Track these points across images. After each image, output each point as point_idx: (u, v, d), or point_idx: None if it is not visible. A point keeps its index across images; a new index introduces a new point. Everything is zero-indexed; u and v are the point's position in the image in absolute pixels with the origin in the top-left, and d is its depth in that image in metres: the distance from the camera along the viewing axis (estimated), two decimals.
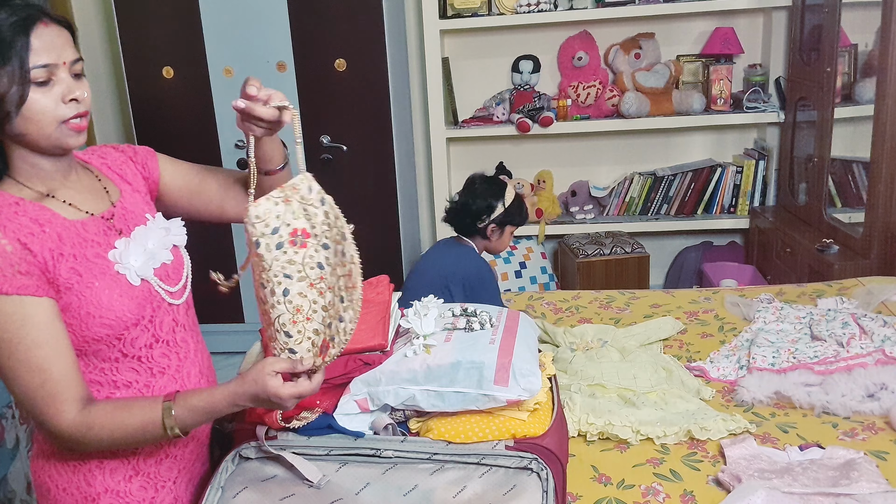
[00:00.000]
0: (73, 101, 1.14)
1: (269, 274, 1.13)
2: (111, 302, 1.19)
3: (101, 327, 1.19)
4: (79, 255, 1.18)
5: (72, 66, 1.15)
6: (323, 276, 1.15)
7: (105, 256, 1.21)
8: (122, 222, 1.27)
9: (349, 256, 1.16)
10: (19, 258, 1.11)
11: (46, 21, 1.13)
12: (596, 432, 1.76)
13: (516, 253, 3.60)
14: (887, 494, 1.43)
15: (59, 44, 1.13)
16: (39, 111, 1.12)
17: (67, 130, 1.15)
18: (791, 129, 3.41)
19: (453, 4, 3.48)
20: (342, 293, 1.17)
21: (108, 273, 1.20)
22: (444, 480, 1.29)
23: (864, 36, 3.11)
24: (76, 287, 1.17)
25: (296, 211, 1.15)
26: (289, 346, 1.16)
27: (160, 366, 1.28)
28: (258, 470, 1.34)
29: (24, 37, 1.10)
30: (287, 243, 1.14)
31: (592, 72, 3.65)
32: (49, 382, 1.13)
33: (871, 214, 2.80)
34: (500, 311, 1.61)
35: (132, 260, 1.22)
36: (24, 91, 1.10)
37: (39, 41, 1.11)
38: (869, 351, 1.98)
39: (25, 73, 1.10)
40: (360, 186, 3.47)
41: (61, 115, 1.14)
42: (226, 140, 3.50)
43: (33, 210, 1.16)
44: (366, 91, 3.38)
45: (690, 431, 1.75)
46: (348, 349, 1.39)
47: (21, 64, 1.09)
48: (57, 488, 1.27)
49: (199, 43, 3.37)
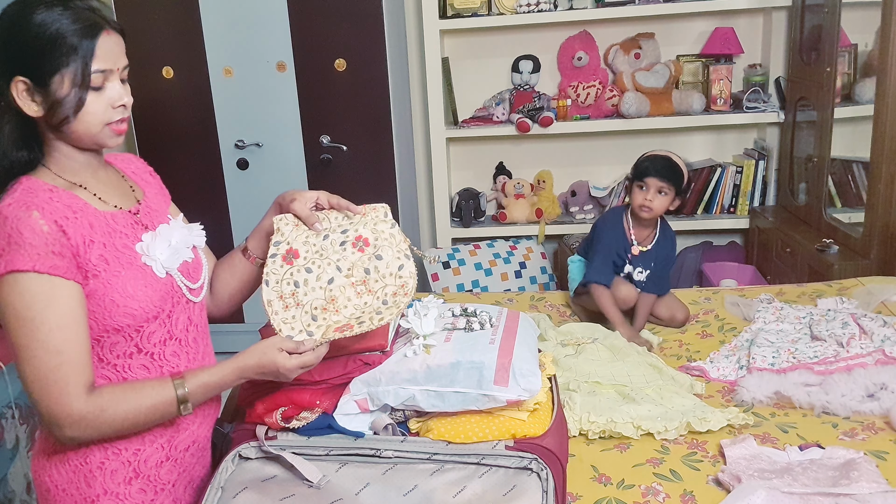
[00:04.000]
0: (122, 106, 1.21)
1: (322, 260, 1.31)
2: (136, 291, 1.22)
3: (123, 316, 1.21)
4: (108, 243, 1.22)
5: (122, 72, 1.22)
6: (366, 280, 1.35)
7: (132, 248, 1.25)
8: (147, 218, 1.32)
9: (407, 272, 1.38)
10: (54, 239, 1.14)
11: (109, 30, 1.19)
12: (598, 430, 1.76)
13: (516, 253, 3.60)
14: (887, 494, 1.43)
15: (117, 51, 1.20)
16: (91, 113, 1.18)
17: (110, 132, 1.22)
18: (791, 129, 3.41)
19: (453, 4, 3.48)
20: (387, 298, 1.36)
21: (134, 264, 1.24)
22: (443, 481, 1.29)
23: (864, 36, 3.11)
24: (103, 274, 1.19)
25: (367, 224, 1.38)
26: (310, 328, 1.29)
27: (171, 364, 1.30)
28: (258, 470, 1.34)
29: (90, 43, 1.16)
30: (350, 244, 1.36)
31: (592, 72, 3.65)
32: (65, 366, 1.14)
33: (870, 214, 2.80)
34: (500, 311, 1.61)
35: (158, 253, 1.27)
36: (83, 94, 1.16)
37: (104, 47, 1.17)
38: (869, 351, 1.98)
39: (86, 78, 1.16)
40: (360, 186, 3.47)
41: (108, 119, 1.20)
42: (225, 140, 3.50)
43: (66, 197, 1.20)
44: (366, 91, 3.38)
45: (690, 424, 1.76)
46: (348, 349, 1.39)
47: (84, 69, 1.15)
48: (57, 489, 1.27)
49: (199, 43, 3.37)
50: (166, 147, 3.53)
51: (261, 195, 3.49)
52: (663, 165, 2.47)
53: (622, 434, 1.75)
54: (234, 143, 3.50)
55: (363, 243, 1.36)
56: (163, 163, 1.52)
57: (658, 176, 2.44)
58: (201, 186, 3.54)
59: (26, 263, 1.11)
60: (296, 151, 3.45)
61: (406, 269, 1.37)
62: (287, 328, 1.29)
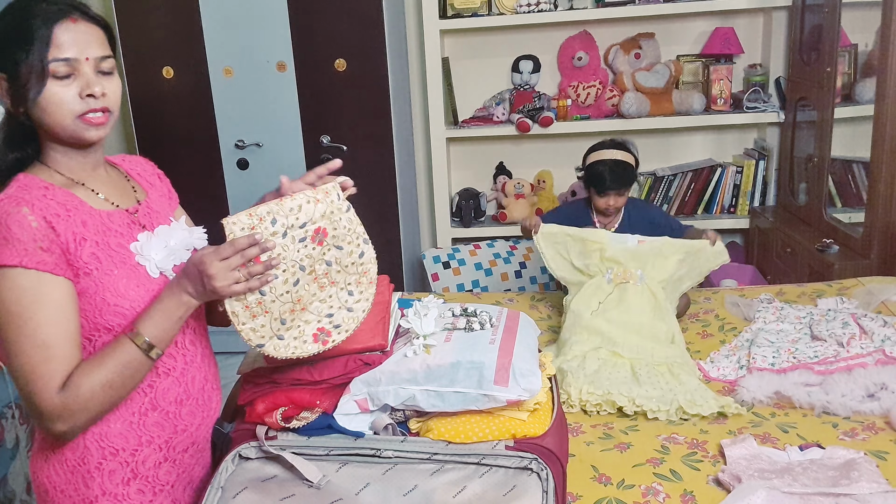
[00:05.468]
0: (90, 96, 1.17)
1: (286, 263, 1.22)
2: (128, 290, 1.21)
3: (114, 315, 1.20)
4: (101, 242, 1.21)
5: (99, 63, 1.18)
6: (328, 272, 1.29)
7: (127, 247, 1.24)
8: (146, 218, 1.31)
9: (367, 258, 1.33)
10: (43, 235, 1.14)
11: (76, 17, 1.16)
12: (595, 403, 1.86)
13: (516, 253, 3.60)
14: (887, 494, 1.43)
15: (84, 40, 1.16)
16: (56, 103, 1.15)
17: (83, 124, 1.18)
18: (791, 129, 3.41)
19: (453, 4, 3.48)
20: (351, 287, 1.32)
21: (128, 263, 1.23)
22: (444, 481, 1.29)
23: (864, 36, 3.11)
24: (95, 273, 1.19)
25: (324, 213, 1.27)
26: (280, 332, 1.25)
27: (166, 366, 1.29)
28: (258, 470, 1.34)
29: (47, 30, 1.13)
30: (309, 238, 1.25)
31: (592, 72, 3.65)
32: (52, 361, 1.14)
33: (871, 214, 2.79)
34: (500, 311, 1.61)
35: (153, 253, 1.26)
36: (41, 85, 1.13)
37: (65, 36, 1.14)
38: (869, 351, 1.98)
39: (45, 66, 1.13)
40: (360, 186, 3.43)
41: (77, 110, 1.16)
42: (225, 140, 3.50)
43: (61, 195, 1.19)
44: (366, 91, 3.38)
45: (682, 407, 1.84)
46: (348, 349, 1.39)
47: (40, 57, 1.12)
48: (55, 489, 1.26)
49: (199, 43, 3.37)
50: (166, 147, 3.52)
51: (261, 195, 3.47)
52: (620, 177, 2.55)
53: (616, 405, 1.86)
54: (234, 143, 3.50)
55: (322, 234, 1.27)
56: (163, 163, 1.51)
57: (616, 188, 2.55)
58: (201, 186, 3.54)
59: (14, 259, 1.11)
60: (296, 151, 3.44)
61: (366, 255, 1.33)
62: (256, 336, 1.24)
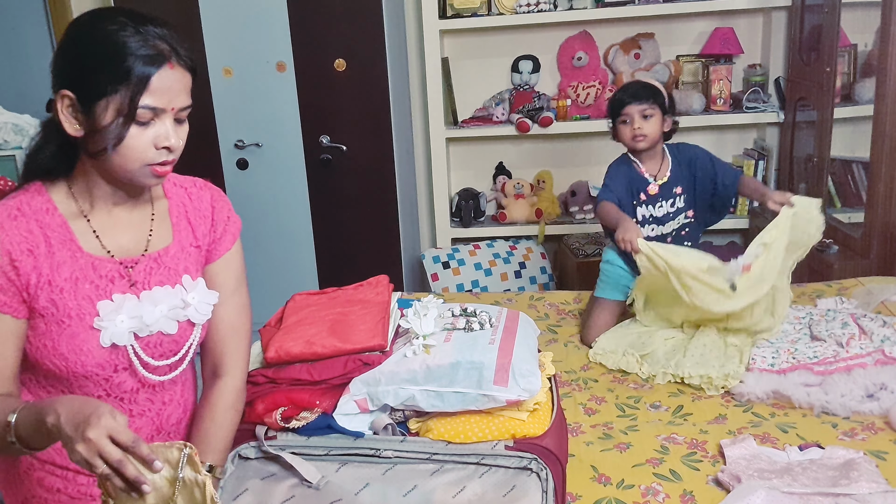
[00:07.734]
0: (165, 148, 1.11)
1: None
2: (69, 349, 1.13)
3: (50, 364, 1.15)
4: (69, 288, 1.13)
5: (178, 112, 1.12)
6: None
7: (94, 303, 1.14)
8: (144, 274, 1.20)
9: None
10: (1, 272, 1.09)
11: (174, 63, 1.08)
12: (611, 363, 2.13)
13: (516, 253, 3.60)
14: (887, 494, 1.43)
15: (176, 89, 1.09)
16: (131, 147, 1.08)
17: (149, 172, 1.12)
18: (791, 129, 3.41)
19: (453, 4, 3.48)
20: None
21: (85, 320, 1.14)
22: (443, 481, 1.29)
23: (864, 36, 3.11)
24: (49, 317, 1.13)
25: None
26: None
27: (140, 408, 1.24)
28: (258, 470, 1.34)
29: (146, 74, 1.05)
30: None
31: (592, 72, 3.65)
32: None
33: (870, 214, 2.79)
34: (500, 311, 1.61)
35: (118, 320, 1.15)
36: (125, 129, 1.06)
37: (159, 82, 1.06)
38: (868, 351, 1.98)
39: (133, 111, 1.05)
40: (360, 186, 3.47)
41: (149, 159, 1.10)
42: (225, 140, 3.50)
43: (55, 225, 1.13)
44: (366, 91, 3.38)
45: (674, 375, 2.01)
46: (348, 349, 1.39)
47: (132, 101, 1.05)
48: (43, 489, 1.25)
49: (199, 43, 3.36)
50: None
51: (261, 195, 3.49)
52: (636, 89, 2.31)
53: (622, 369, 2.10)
54: (233, 143, 3.50)
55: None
56: None
57: (635, 101, 2.27)
58: None
59: None
60: (296, 151, 3.44)
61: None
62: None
